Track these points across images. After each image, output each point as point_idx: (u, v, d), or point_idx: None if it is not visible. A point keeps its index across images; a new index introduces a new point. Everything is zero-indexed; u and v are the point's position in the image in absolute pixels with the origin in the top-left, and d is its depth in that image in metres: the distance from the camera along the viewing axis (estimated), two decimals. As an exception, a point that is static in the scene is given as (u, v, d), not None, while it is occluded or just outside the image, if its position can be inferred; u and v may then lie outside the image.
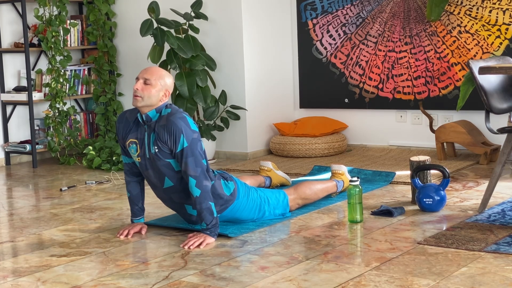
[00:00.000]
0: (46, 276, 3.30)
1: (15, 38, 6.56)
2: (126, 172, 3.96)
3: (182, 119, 3.68)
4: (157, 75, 3.74)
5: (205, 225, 3.71)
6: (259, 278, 3.15)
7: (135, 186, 3.96)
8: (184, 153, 3.66)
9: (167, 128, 3.67)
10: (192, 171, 3.66)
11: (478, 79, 4.03)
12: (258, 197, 4.05)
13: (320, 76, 6.61)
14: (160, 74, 3.75)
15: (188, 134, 3.67)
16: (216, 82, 6.35)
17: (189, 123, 3.69)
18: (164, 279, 3.18)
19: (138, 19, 6.41)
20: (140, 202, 3.98)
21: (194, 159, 3.67)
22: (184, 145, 3.66)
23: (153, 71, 3.76)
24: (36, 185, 5.57)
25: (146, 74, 3.74)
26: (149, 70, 3.77)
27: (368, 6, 6.34)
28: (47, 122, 6.40)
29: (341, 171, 4.62)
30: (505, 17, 5.77)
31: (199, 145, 3.70)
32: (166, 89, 3.75)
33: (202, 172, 3.68)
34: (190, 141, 3.66)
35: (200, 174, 3.67)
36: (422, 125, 6.23)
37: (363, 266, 3.25)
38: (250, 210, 4.02)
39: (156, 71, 3.76)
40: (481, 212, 4.10)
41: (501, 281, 3.00)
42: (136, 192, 3.96)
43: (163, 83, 3.74)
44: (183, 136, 3.65)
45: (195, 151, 3.68)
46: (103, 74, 6.85)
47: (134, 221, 3.99)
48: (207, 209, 3.68)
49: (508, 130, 4.05)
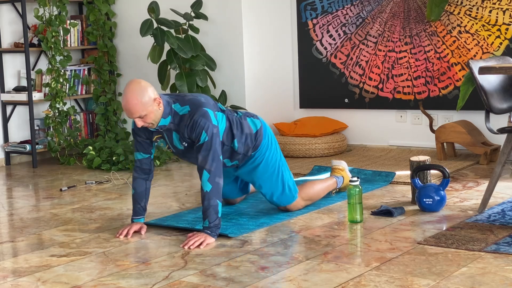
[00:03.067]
0: (46, 276, 3.30)
1: (15, 38, 6.56)
2: (135, 168, 3.97)
3: (204, 116, 3.72)
4: (140, 106, 3.62)
5: (207, 223, 3.71)
6: (259, 278, 3.15)
7: (141, 183, 3.96)
8: (203, 147, 3.72)
9: (191, 127, 3.73)
10: (208, 165, 3.70)
11: (478, 79, 4.03)
12: (279, 154, 4.16)
13: (320, 76, 6.61)
14: (139, 102, 3.61)
15: (209, 129, 3.72)
16: (216, 82, 6.35)
17: (210, 118, 3.74)
18: (164, 279, 3.18)
19: (138, 19, 6.41)
20: (143, 201, 3.98)
21: (212, 153, 3.72)
22: (205, 139, 3.72)
23: (133, 107, 3.63)
24: (36, 185, 5.57)
25: (134, 114, 3.65)
26: (131, 109, 3.63)
27: (368, 6, 6.35)
28: (47, 122, 6.40)
29: (342, 167, 4.62)
30: (505, 17, 5.77)
31: (218, 140, 3.75)
32: (153, 99, 3.67)
33: (218, 168, 3.72)
34: (211, 136, 3.72)
35: (215, 170, 3.71)
36: (422, 125, 6.23)
37: (363, 266, 3.25)
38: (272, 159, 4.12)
39: (134, 104, 3.61)
40: (481, 212, 4.10)
41: (501, 281, 3.00)
42: (141, 190, 3.96)
43: (147, 101, 3.64)
44: (204, 132, 3.71)
45: (214, 146, 3.73)
46: (103, 74, 6.85)
47: (134, 220, 3.99)
48: (214, 206, 3.70)
49: (508, 130, 4.05)
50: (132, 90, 3.64)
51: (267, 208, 4.38)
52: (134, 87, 3.65)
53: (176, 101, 3.79)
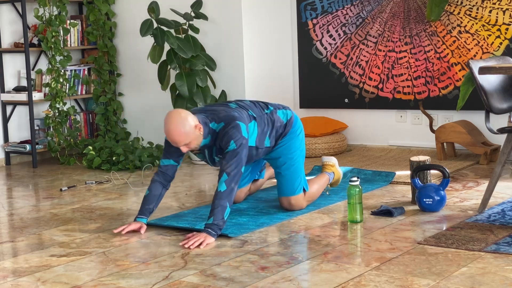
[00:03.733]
0: (46, 276, 3.30)
1: (15, 38, 6.56)
2: (158, 172, 4.04)
3: (235, 128, 3.89)
4: (183, 136, 3.80)
5: (211, 220, 3.73)
6: (259, 278, 3.15)
7: (158, 187, 4.02)
8: (230, 153, 3.86)
9: (223, 139, 3.89)
10: (229, 169, 3.82)
11: (478, 79, 4.03)
12: (302, 146, 4.35)
13: (320, 76, 6.61)
14: (182, 133, 3.79)
15: (238, 139, 3.87)
16: (216, 82, 6.35)
17: (241, 130, 3.90)
18: (164, 279, 3.18)
19: (138, 19, 6.41)
20: (152, 204, 4.02)
21: (236, 160, 3.85)
22: (233, 147, 3.86)
23: (177, 138, 3.80)
24: (36, 185, 5.57)
25: (178, 144, 3.82)
26: (175, 140, 3.81)
27: (368, 6, 6.35)
28: (47, 122, 6.40)
29: (332, 163, 4.66)
30: (505, 17, 5.77)
31: (245, 152, 3.89)
32: (194, 127, 3.83)
33: (237, 175, 3.83)
34: (239, 145, 3.87)
35: (234, 175, 3.82)
36: (422, 125, 6.23)
37: (363, 266, 3.25)
38: (295, 145, 4.28)
39: (178, 135, 3.79)
40: (481, 212, 4.10)
41: (501, 281, 3.00)
42: (155, 194, 4.01)
43: (188, 130, 3.81)
44: (233, 141, 3.87)
45: (240, 155, 3.86)
46: (103, 74, 6.85)
47: (137, 219, 4.00)
48: (222, 207, 3.75)
49: (508, 130, 4.05)
50: (173, 122, 3.79)
51: (267, 208, 4.38)
52: (175, 119, 3.80)
53: (212, 119, 3.94)
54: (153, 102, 6.78)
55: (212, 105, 4.16)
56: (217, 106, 4.10)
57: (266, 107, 4.23)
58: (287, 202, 4.28)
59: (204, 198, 4.83)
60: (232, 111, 3.99)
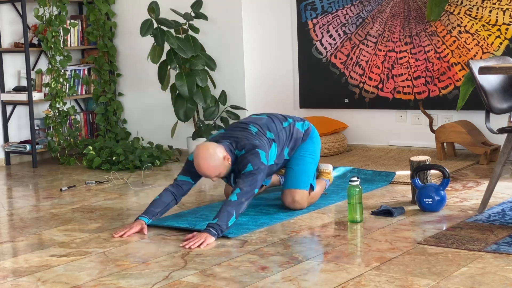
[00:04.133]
0: (46, 276, 3.30)
1: (15, 38, 6.56)
2: (174, 184, 4.12)
3: (254, 155, 3.98)
4: (214, 170, 3.94)
5: (215, 221, 3.76)
6: (259, 278, 3.15)
7: (169, 197, 4.07)
8: (247, 174, 3.94)
9: (241, 163, 3.99)
10: (243, 186, 3.90)
11: (478, 79, 4.03)
12: (317, 152, 4.45)
13: (320, 76, 6.61)
14: (213, 168, 3.93)
15: (256, 164, 3.96)
16: (216, 82, 6.35)
17: (260, 157, 3.99)
18: (164, 279, 3.18)
19: (138, 19, 6.40)
20: (159, 209, 4.04)
21: (251, 180, 3.92)
22: (250, 169, 3.94)
23: (208, 172, 3.95)
24: (36, 185, 5.57)
25: (210, 176, 3.97)
26: (207, 174, 3.96)
27: (368, 6, 6.34)
28: (47, 122, 6.40)
29: (328, 170, 4.70)
30: (505, 17, 5.77)
31: (261, 175, 3.97)
32: (222, 159, 3.95)
33: (249, 192, 3.90)
34: (256, 168, 3.95)
35: (247, 192, 3.89)
36: (422, 125, 6.23)
37: (363, 266, 3.25)
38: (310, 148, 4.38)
39: (209, 170, 3.94)
40: (481, 212, 4.10)
41: (501, 281, 3.00)
42: (165, 201, 4.06)
43: (218, 164, 3.94)
44: (250, 164, 3.96)
45: (256, 177, 3.93)
46: (103, 74, 6.85)
47: (140, 218, 4.00)
48: (229, 213, 3.80)
49: (508, 130, 4.05)
50: (202, 158, 3.93)
51: (267, 208, 4.38)
52: (204, 154, 3.93)
53: (236, 147, 4.04)
54: (153, 102, 6.78)
55: (233, 128, 4.25)
56: (239, 131, 4.18)
57: (284, 120, 4.36)
58: (291, 197, 4.28)
59: (204, 198, 4.83)
60: (253, 138, 4.10)
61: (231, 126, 4.35)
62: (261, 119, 4.32)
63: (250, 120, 4.34)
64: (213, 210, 4.34)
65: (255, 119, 4.34)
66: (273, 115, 4.40)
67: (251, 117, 4.40)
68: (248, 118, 4.40)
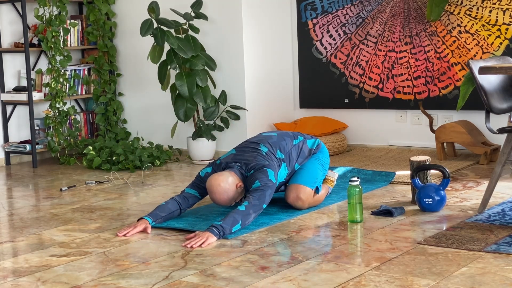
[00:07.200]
0: (46, 276, 3.30)
1: (15, 38, 6.56)
2: (181, 195, 4.19)
3: (262, 172, 4.06)
4: (229, 200, 4.07)
5: (220, 222, 3.77)
6: (259, 278, 3.15)
7: (175, 206, 4.13)
8: (254, 189, 4.00)
9: (250, 180, 4.07)
10: (252, 199, 3.96)
11: (478, 79, 4.03)
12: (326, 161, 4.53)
13: (320, 76, 6.61)
14: (228, 199, 4.06)
15: (263, 180, 4.02)
16: (216, 82, 6.35)
17: (268, 175, 4.05)
18: (164, 279, 3.18)
19: (138, 19, 6.40)
20: (165, 213, 4.07)
21: (260, 195, 3.97)
22: (257, 185, 4.01)
23: (224, 202, 4.08)
24: (36, 185, 5.57)
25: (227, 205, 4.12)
26: (223, 203, 4.09)
27: (368, 6, 6.35)
28: (47, 122, 6.40)
29: (333, 178, 4.68)
30: (505, 17, 5.77)
31: (269, 192, 4.02)
32: (235, 187, 4.06)
33: (258, 206, 3.94)
34: (263, 184, 4.01)
35: (255, 205, 3.93)
36: (422, 125, 6.23)
37: (363, 266, 3.25)
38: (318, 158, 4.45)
39: (225, 201, 4.07)
40: (481, 212, 4.10)
41: (501, 281, 3.00)
42: (170, 208, 4.10)
43: (232, 195, 4.06)
44: (258, 181, 4.02)
45: (264, 192, 3.98)
46: (103, 74, 6.85)
47: (144, 217, 4.00)
48: (235, 219, 3.82)
49: (508, 130, 4.05)
50: (217, 193, 4.04)
51: (267, 208, 4.38)
52: (218, 190, 4.03)
53: (246, 170, 4.11)
54: (153, 102, 6.78)
55: (243, 148, 4.29)
56: (249, 151, 4.23)
57: (295, 138, 4.42)
58: (296, 193, 4.29)
59: (205, 198, 4.83)
60: (263, 159, 4.15)
61: (241, 145, 4.37)
62: (271, 137, 4.35)
63: (261, 138, 4.36)
64: (213, 211, 4.34)
65: (266, 137, 4.36)
66: (284, 133, 4.45)
67: (261, 135, 4.43)
68: (258, 137, 4.43)
